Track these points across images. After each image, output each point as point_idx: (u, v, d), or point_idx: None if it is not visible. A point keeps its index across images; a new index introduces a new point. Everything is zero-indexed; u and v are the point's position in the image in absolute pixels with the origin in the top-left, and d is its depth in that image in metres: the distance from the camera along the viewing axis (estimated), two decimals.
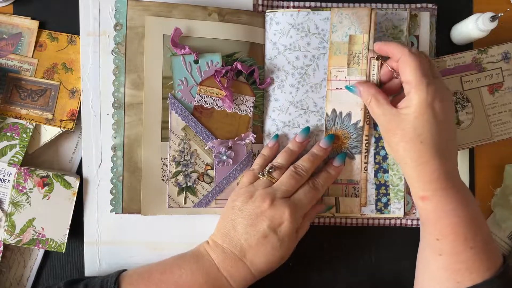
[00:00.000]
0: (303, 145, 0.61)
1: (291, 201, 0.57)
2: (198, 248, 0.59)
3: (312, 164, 0.60)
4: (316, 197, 0.59)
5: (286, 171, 0.59)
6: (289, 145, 0.61)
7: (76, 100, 0.62)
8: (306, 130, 0.61)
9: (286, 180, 0.58)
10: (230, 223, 0.57)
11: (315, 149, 0.61)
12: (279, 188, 0.57)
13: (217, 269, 0.56)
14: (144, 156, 0.60)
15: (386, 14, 0.62)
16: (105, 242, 0.63)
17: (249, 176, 0.60)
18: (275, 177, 0.59)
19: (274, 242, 0.56)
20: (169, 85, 0.60)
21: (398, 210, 0.63)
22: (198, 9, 0.60)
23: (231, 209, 0.58)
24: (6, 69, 0.61)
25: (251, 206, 0.56)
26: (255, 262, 0.56)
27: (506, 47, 0.63)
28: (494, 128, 0.63)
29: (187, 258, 0.58)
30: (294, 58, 0.62)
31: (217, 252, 0.57)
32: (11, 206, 0.60)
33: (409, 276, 0.60)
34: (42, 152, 0.64)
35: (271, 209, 0.56)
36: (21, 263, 0.63)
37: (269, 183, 0.58)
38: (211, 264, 0.56)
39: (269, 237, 0.56)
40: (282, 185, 0.58)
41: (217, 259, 0.56)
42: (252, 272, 0.56)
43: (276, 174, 0.59)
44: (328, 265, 0.66)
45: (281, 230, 0.56)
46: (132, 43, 0.59)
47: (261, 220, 0.56)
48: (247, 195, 0.57)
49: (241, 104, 0.62)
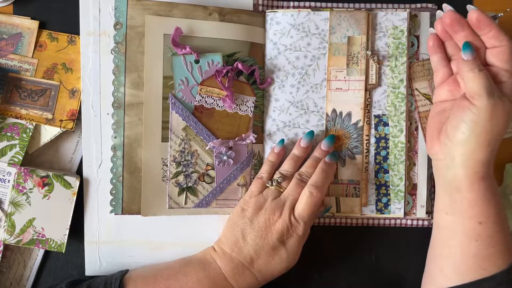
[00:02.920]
0: (308, 149, 0.61)
1: (299, 214, 0.57)
2: (203, 254, 0.59)
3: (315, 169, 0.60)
4: (319, 202, 0.59)
5: (292, 179, 0.59)
6: (294, 151, 0.61)
7: (76, 100, 0.62)
8: (310, 134, 0.61)
9: (293, 189, 0.58)
10: (240, 233, 0.57)
11: (316, 152, 0.61)
12: (287, 198, 0.58)
13: (224, 278, 0.56)
14: (145, 157, 0.60)
15: (386, 14, 0.62)
16: (105, 242, 0.63)
17: (258, 184, 0.60)
18: (284, 187, 0.59)
19: (282, 253, 0.57)
20: (169, 85, 0.60)
21: (398, 210, 0.63)
22: (199, 9, 0.60)
23: (241, 218, 0.58)
24: (6, 69, 0.61)
25: (262, 218, 0.57)
26: (263, 271, 0.57)
27: None
28: None
29: (193, 265, 0.58)
30: (294, 58, 0.62)
31: (224, 260, 0.57)
32: (11, 206, 0.60)
33: (409, 276, 0.60)
34: (42, 152, 0.63)
35: (281, 222, 0.56)
36: (21, 263, 0.63)
37: (278, 193, 0.58)
38: (218, 272, 0.56)
39: (278, 249, 0.57)
40: (290, 195, 0.58)
41: (224, 268, 0.57)
42: (258, 280, 0.57)
43: (284, 183, 0.59)
44: (328, 265, 0.66)
45: (289, 242, 0.57)
46: (132, 43, 0.59)
47: (271, 233, 0.56)
48: (258, 206, 0.58)
49: (242, 104, 0.62)
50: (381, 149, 0.63)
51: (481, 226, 0.53)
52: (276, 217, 0.56)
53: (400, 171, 0.63)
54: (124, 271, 0.59)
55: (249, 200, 0.58)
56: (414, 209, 0.64)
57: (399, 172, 0.63)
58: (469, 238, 0.53)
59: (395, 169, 0.63)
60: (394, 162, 0.63)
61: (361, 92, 0.62)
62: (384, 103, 0.62)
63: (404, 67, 0.62)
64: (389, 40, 0.62)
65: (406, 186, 0.63)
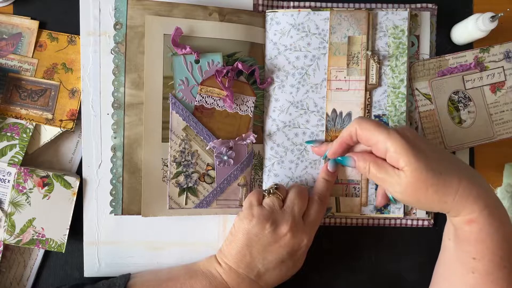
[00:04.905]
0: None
1: (307, 226, 0.57)
2: (208, 267, 0.58)
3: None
4: (324, 210, 0.60)
5: (291, 190, 0.58)
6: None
7: (76, 100, 0.62)
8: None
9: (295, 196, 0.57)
10: (247, 250, 0.56)
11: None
12: (293, 209, 0.56)
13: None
14: (145, 157, 0.60)
15: (387, 14, 0.62)
16: (104, 242, 0.63)
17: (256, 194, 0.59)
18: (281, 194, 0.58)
19: (289, 265, 0.57)
20: (169, 85, 0.60)
21: (398, 210, 0.63)
22: (199, 9, 0.60)
23: (246, 234, 0.56)
24: (6, 69, 0.61)
25: (270, 234, 0.55)
26: (269, 283, 0.57)
27: (508, 46, 0.64)
28: (496, 127, 0.64)
29: (199, 278, 0.57)
30: (294, 58, 0.62)
31: (231, 276, 0.56)
32: (11, 206, 0.60)
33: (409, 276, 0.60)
34: (42, 152, 0.63)
35: (291, 237, 0.55)
36: (21, 263, 0.63)
37: (280, 202, 0.57)
38: (225, 287, 0.56)
39: (286, 261, 0.56)
40: (295, 205, 0.57)
41: (231, 283, 0.56)
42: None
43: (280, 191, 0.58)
44: (328, 265, 0.66)
45: (297, 255, 0.57)
46: (132, 43, 0.59)
47: (281, 248, 0.55)
48: (263, 217, 0.55)
49: (242, 104, 0.62)
50: None
51: (476, 261, 0.52)
52: (285, 230, 0.55)
53: None
54: (126, 277, 0.59)
55: (252, 212, 0.56)
56: (414, 209, 0.64)
57: None
58: (466, 269, 0.53)
59: None
60: None
61: (361, 92, 0.62)
62: (384, 103, 0.62)
63: (405, 67, 0.62)
64: (389, 39, 0.62)
65: None
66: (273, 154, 0.63)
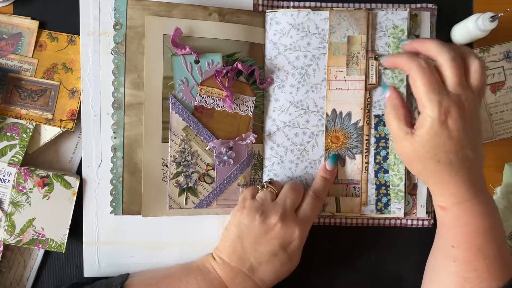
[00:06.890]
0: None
1: (299, 219, 0.56)
2: (203, 262, 0.59)
3: None
4: (320, 207, 0.60)
5: (285, 185, 0.59)
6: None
7: (76, 100, 0.62)
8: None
9: (289, 190, 0.58)
10: (238, 241, 0.56)
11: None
12: (285, 201, 0.57)
13: (226, 287, 0.56)
14: (145, 157, 0.60)
15: (387, 14, 0.62)
16: (104, 242, 0.63)
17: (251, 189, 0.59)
18: (275, 189, 0.58)
19: (283, 259, 0.56)
20: (169, 85, 0.60)
21: (398, 210, 0.63)
22: (198, 9, 0.60)
23: (237, 225, 0.56)
24: (6, 69, 0.61)
25: (260, 224, 0.55)
26: (264, 279, 0.56)
27: (508, 46, 0.64)
28: (496, 127, 0.64)
29: (194, 274, 0.57)
30: (294, 58, 0.62)
31: (225, 270, 0.56)
32: (11, 206, 0.60)
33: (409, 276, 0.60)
34: (42, 152, 0.63)
35: (281, 228, 0.55)
36: (21, 263, 0.63)
37: (273, 195, 0.58)
38: (220, 281, 0.56)
39: (279, 255, 0.56)
40: (288, 198, 0.57)
41: (225, 278, 0.56)
42: (260, 287, 0.57)
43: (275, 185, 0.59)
44: (328, 265, 0.66)
45: (290, 247, 0.56)
46: (132, 43, 0.59)
47: (272, 239, 0.55)
48: (254, 209, 0.56)
49: (242, 104, 0.62)
50: (381, 149, 0.63)
51: (454, 249, 0.53)
52: (274, 220, 0.55)
53: (400, 171, 0.63)
54: (124, 276, 0.59)
55: (244, 204, 0.57)
56: (414, 209, 0.64)
57: (399, 172, 0.63)
58: (447, 258, 0.54)
59: (395, 169, 0.63)
60: (394, 162, 0.63)
61: (361, 92, 0.62)
62: (384, 103, 0.62)
63: None
64: (389, 39, 0.62)
65: (406, 186, 0.63)
66: (273, 154, 0.63)
